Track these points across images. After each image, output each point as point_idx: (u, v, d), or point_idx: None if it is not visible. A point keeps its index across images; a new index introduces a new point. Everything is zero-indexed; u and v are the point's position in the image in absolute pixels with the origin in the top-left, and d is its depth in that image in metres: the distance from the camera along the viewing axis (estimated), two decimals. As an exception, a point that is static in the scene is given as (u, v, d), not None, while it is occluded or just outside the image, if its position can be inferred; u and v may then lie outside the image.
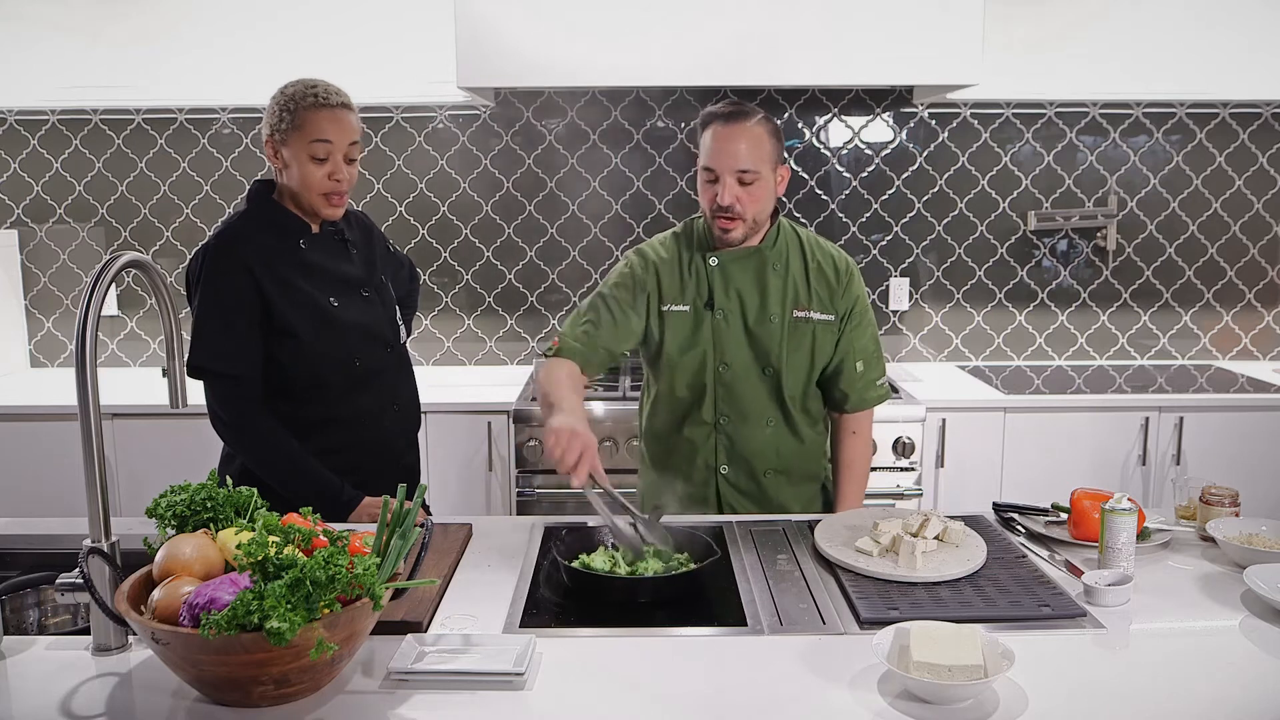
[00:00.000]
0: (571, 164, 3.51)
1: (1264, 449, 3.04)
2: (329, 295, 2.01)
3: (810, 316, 2.05)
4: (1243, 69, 3.15)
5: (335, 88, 1.99)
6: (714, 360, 2.04)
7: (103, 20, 3.08)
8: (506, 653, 1.29)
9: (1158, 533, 1.75)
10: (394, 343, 2.13)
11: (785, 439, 2.09)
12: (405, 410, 2.18)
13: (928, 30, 2.91)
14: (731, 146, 1.92)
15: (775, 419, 2.07)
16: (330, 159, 1.95)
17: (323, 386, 2.01)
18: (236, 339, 1.92)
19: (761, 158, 1.93)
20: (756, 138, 1.93)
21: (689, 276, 2.06)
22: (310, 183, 1.95)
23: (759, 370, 2.05)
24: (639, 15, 2.89)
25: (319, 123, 1.94)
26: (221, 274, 1.93)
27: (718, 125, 1.95)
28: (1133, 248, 3.58)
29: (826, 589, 1.56)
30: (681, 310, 2.05)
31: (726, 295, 2.04)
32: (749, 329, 2.04)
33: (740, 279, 2.04)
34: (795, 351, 2.05)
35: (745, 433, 2.06)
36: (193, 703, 1.21)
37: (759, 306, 2.04)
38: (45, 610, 1.71)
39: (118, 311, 3.59)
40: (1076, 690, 1.25)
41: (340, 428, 2.04)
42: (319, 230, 2.05)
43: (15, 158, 3.52)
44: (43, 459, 2.99)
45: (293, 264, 1.98)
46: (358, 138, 2.00)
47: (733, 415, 2.06)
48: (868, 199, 3.54)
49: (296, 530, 1.26)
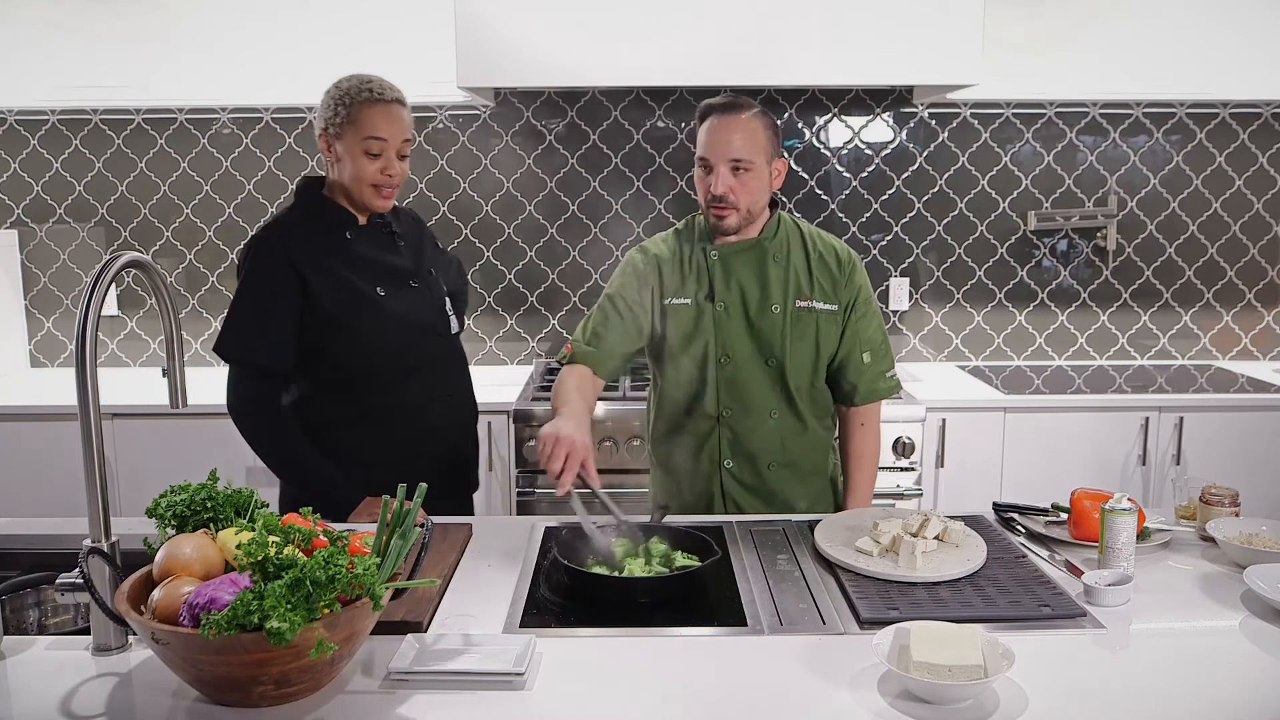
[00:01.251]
0: (571, 164, 3.51)
1: (1264, 449, 3.05)
2: (375, 285, 2.03)
3: (813, 306, 2.06)
4: (1243, 69, 3.15)
5: (390, 83, 2.01)
6: (716, 352, 2.04)
7: (103, 20, 3.08)
8: (506, 653, 1.29)
9: (1158, 533, 1.75)
10: (444, 332, 2.15)
11: (790, 431, 2.08)
12: (459, 400, 2.20)
13: (927, 30, 2.91)
14: (726, 137, 1.94)
15: (779, 411, 2.07)
16: (383, 155, 1.98)
17: (373, 376, 2.03)
18: (266, 331, 1.95)
19: (756, 149, 1.95)
20: (751, 129, 1.95)
21: (690, 270, 2.07)
22: (362, 176, 1.98)
23: (762, 361, 2.05)
24: (639, 15, 2.89)
25: (373, 118, 1.96)
26: (263, 266, 1.97)
27: (714, 117, 1.97)
28: (1133, 248, 3.58)
29: (826, 589, 1.56)
30: (683, 303, 2.06)
31: (727, 287, 2.05)
32: (751, 320, 2.04)
33: (741, 270, 2.05)
34: (799, 341, 2.05)
35: (749, 425, 2.06)
36: (193, 703, 1.21)
37: (760, 297, 2.04)
38: (45, 610, 1.71)
39: (118, 311, 3.59)
40: (1076, 690, 1.24)
41: (392, 417, 2.06)
42: (366, 223, 2.07)
43: (15, 158, 3.52)
44: (43, 459, 2.99)
45: (339, 255, 2.01)
46: (410, 134, 2.02)
47: (735, 408, 2.05)
48: (868, 199, 3.54)
49: (296, 530, 1.26)
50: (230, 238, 3.55)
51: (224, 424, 2.98)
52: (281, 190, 3.52)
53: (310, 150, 3.49)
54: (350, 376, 2.02)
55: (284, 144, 3.49)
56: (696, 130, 2.01)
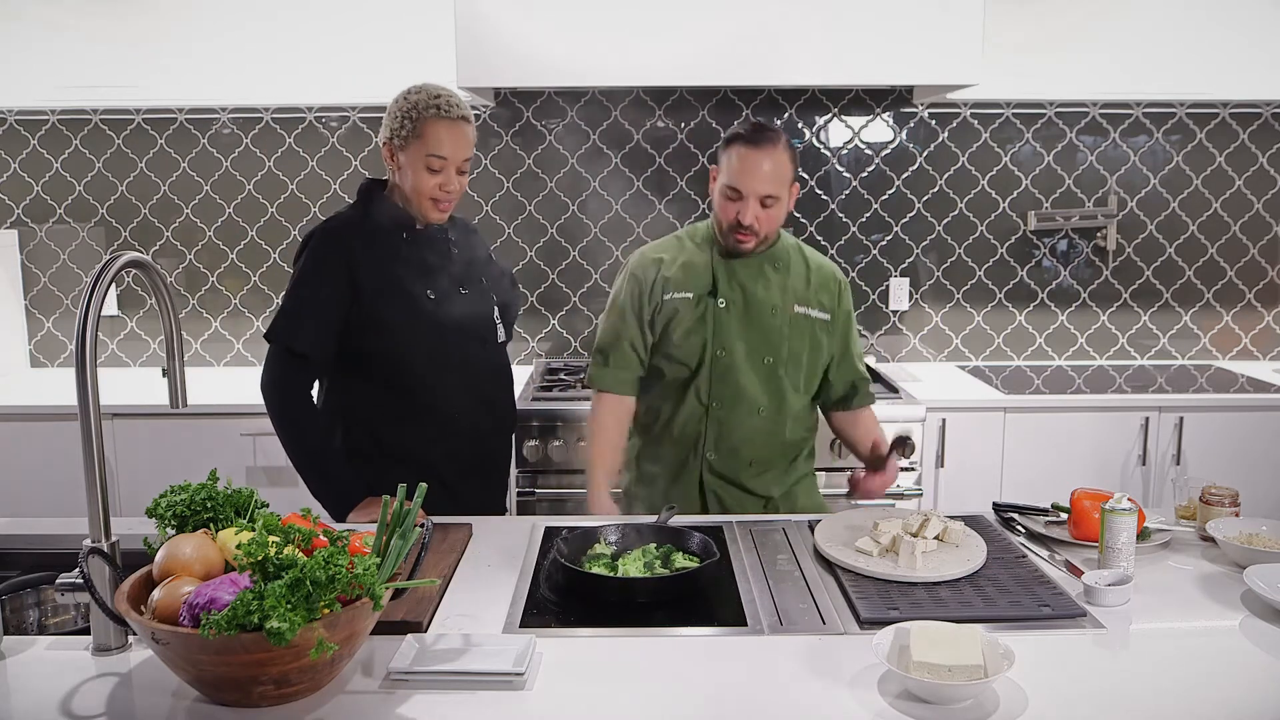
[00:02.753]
0: (571, 164, 3.51)
1: (1264, 449, 3.04)
2: (426, 288, 2.06)
3: (810, 314, 2.15)
4: (1243, 69, 3.15)
5: (458, 99, 2.04)
6: (712, 345, 2.10)
7: (103, 20, 3.08)
8: (506, 653, 1.29)
9: (1158, 533, 1.75)
10: (490, 340, 2.18)
11: (775, 430, 2.15)
12: (500, 409, 2.22)
13: (927, 30, 2.91)
14: (758, 170, 2.01)
15: (767, 409, 2.13)
16: (444, 171, 2.01)
17: (417, 376, 2.06)
18: (305, 319, 2.00)
19: (783, 182, 2.04)
20: (780, 163, 2.03)
21: (693, 269, 2.14)
22: (422, 190, 2.01)
23: (758, 359, 2.12)
24: (639, 15, 2.89)
25: (438, 135, 1.99)
26: (316, 258, 2.02)
27: (744, 147, 2.03)
28: (1133, 248, 3.58)
29: (826, 589, 1.56)
30: (684, 297, 2.12)
31: (730, 286, 2.12)
32: (750, 319, 2.12)
33: (744, 273, 2.13)
34: (795, 344, 2.13)
35: (735, 419, 2.12)
36: (193, 703, 1.21)
37: (761, 299, 2.12)
38: (45, 610, 1.71)
39: (118, 311, 3.59)
40: (1076, 690, 1.25)
41: (435, 419, 2.09)
42: (423, 228, 2.10)
43: (15, 158, 3.51)
44: (43, 459, 2.99)
45: (394, 255, 2.05)
46: (472, 153, 2.06)
47: (725, 400, 2.11)
48: (868, 199, 3.54)
49: (296, 530, 1.26)
50: (230, 238, 3.55)
51: (224, 424, 3.01)
52: (282, 190, 3.52)
53: (310, 149, 3.49)
54: (394, 375, 2.06)
55: (284, 144, 3.49)
56: (722, 153, 2.07)
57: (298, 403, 2.02)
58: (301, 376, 2.03)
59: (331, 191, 3.50)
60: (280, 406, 2.02)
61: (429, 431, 2.09)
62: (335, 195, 3.50)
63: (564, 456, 2.88)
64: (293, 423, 2.02)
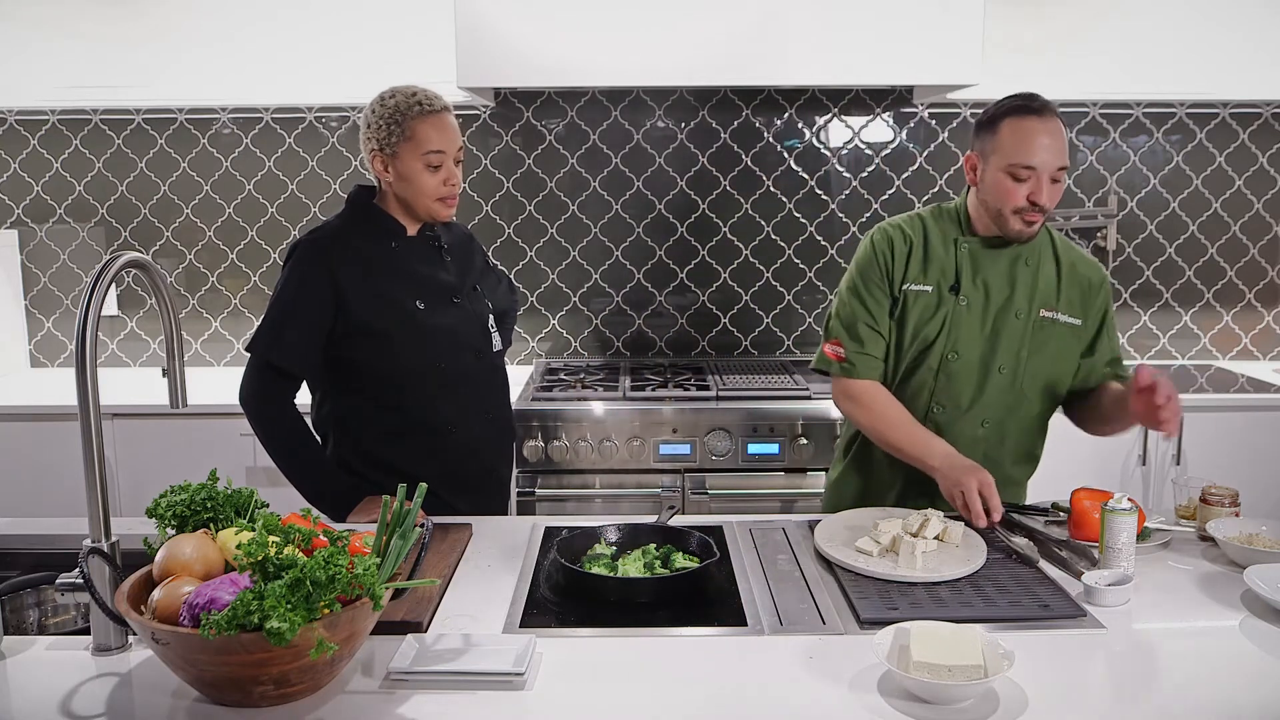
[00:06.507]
0: (571, 164, 3.51)
1: (1264, 449, 3.04)
2: (415, 299, 2.02)
3: (1057, 318, 1.96)
4: (1243, 69, 3.15)
5: (433, 91, 2.01)
6: (945, 347, 1.94)
7: (103, 20, 3.08)
8: (506, 653, 1.29)
9: (1158, 533, 1.75)
10: (485, 350, 2.13)
11: (995, 446, 1.98)
12: (497, 420, 2.17)
13: (927, 30, 2.91)
14: (1052, 143, 1.83)
15: (992, 422, 1.96)
16: (444, 166, 1.98)
17: (409, 389, 2.02)
18: (287, 332, 1.96)
19: (1067, 152, 1.87)
20: (1061, 131, 1.86)
21: (935, 256, 1.96)
22: (428, 191, 1.98)
23: (992, 367, 1.94)
24: (639, 15, 2.89)
25: (429, 131, 1.96)
26: (302, 272, 1.97)
27: (1029, 119, 1.85)
28: (1133, 248, 3.58)
29: (826, 589, 1.56)
30: (924, 290, 1.95)
31: (973, 283, 1.94)
32: (991, 322, 1.94)
33: (990, 269, 1.95)
34: (1036, 354, 1.95)
35: (957, 429, 1.95)
36: (193, 703, 1.21)
37: (1005, 300, 1.94)
38: (45, 610, 1.71)
39: (118, 311, 3.59)
40: (1076, 690, 1.25)
41: (428, 433, 2.04)
42: (414, 235, 2.06)
43: (15, 158, 3.52)
44: (43, 459, 2.99)
45: (383, 265, 2.01)
46: (462, 140, 2.02)
47: (949, 407, 1.96)
48: (868, 199, 3.54)
49: (296, 530, 1.26)
50: (230, 238, 3.55)
51: (224, 424, 3.01)
52: (282, 190, 3.52)
53: (309, 149, 3.49)
54: (386, 389, 2.01)
55: (284, 144, 3.49)
56: (994, 129, 1.89)
57: (278, 413, 1.98)
58: (280, 389, 1.98)
59: (331, 192, 3.50)
60: (260, 418, 1.98)
61: (421, 447, 2.04)
62: (335, 195, 3.50)
63: (564, 456, 2.88)
64: (274, 434, 1.98)
